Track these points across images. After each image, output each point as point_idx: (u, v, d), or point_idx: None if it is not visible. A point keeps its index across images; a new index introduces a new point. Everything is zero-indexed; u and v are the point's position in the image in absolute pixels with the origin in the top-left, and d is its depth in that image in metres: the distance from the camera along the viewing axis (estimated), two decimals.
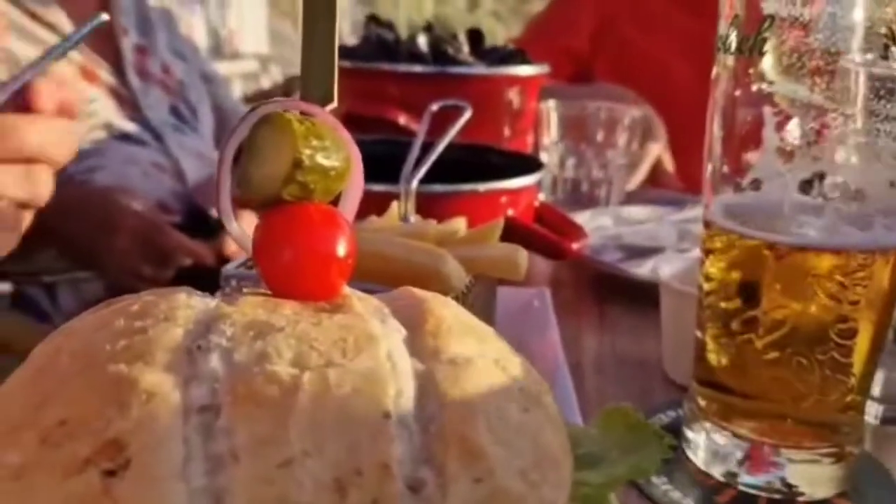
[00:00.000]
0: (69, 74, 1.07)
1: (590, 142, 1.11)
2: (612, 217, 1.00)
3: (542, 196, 1.08)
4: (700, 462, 0.46)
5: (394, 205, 0.55)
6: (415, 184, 0.57)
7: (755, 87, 0.42)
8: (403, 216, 0.56)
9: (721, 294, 0.44)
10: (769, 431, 0.44)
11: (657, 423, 0.52)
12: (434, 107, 0.67)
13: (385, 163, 0.60)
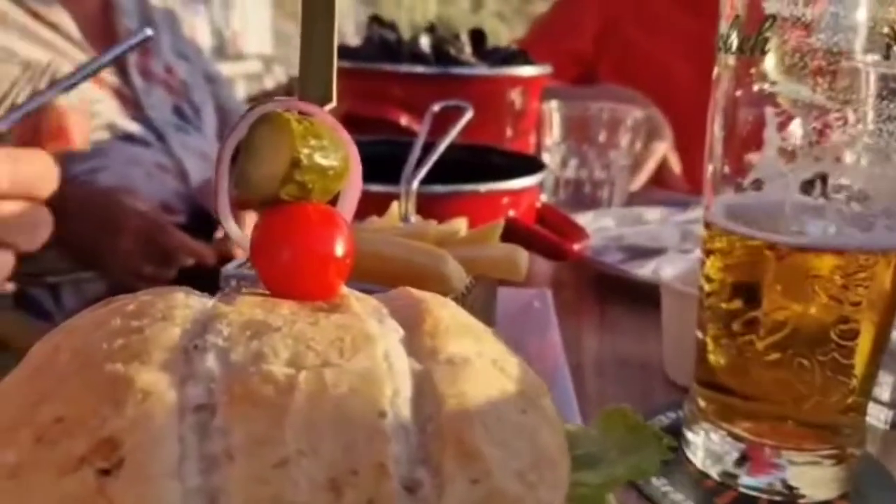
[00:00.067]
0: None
1: (592, 142, 1.11)
2: (615, 218, 0.99)
3: (545, 197, 1.08)
4: (700, 463, 0.46)
5: (394, 205, 0.55)
6: (416, 184, 0.57)
7: (756, 88, 0.42)
8: (404, 216, 0.56)
9: (722, 295, 0.44)
10: (770, 433, 0.43)
11: (658, 425, 0.52)
12: (435, 107, 0.67)
13: (386, 163, 0.60)
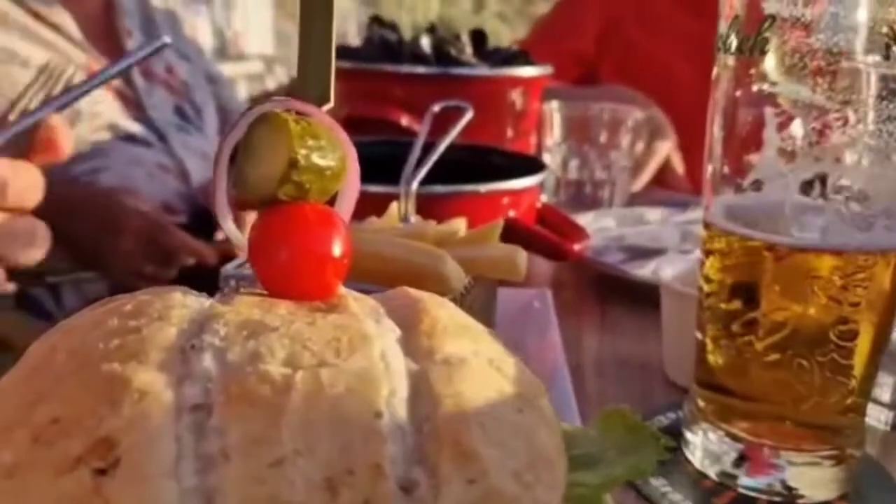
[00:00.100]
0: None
1: (593, 143, 1.10)
2: (615, 218, 0.99)
3: (546, 197, 1.08)
4: (699, 463, 0.46)
5: (393, 205, 0.55)
6: (415, 185, 0.57)
7: (756, 88, 0.42)
8: (404, 217, 0.56)
9: (721, 295, 0.44)
10: (769, 433, 0.43)
11: (657, 425, 0.52)
12: (436, 108, 0.67)
13: (386, 164, 0.60)
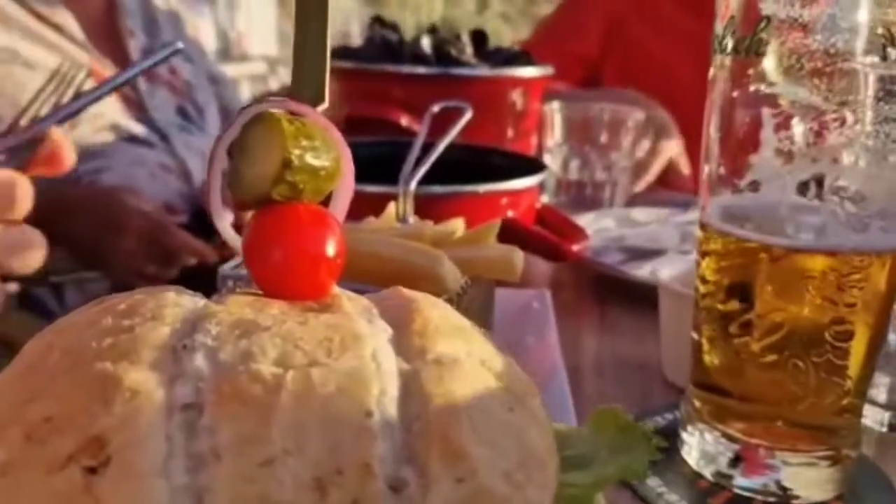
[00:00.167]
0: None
1: (594, 144, 1.11)
2: (616, 219, 0.99)
3: (546, 198, 1.08)
4: (695, 464, 0.46)
5: (391, 205, 0.55)
6: (413, 185, 0.57)
7: (753, 88, 0.42)
8: (402, 217, 0.56)
9: (717, 296, 0.44)
10: (765, 434, 0.43)
11: (654, 426, 0.52)
12: (435, 108, 0.67)
13: (386, 164, 0.60)
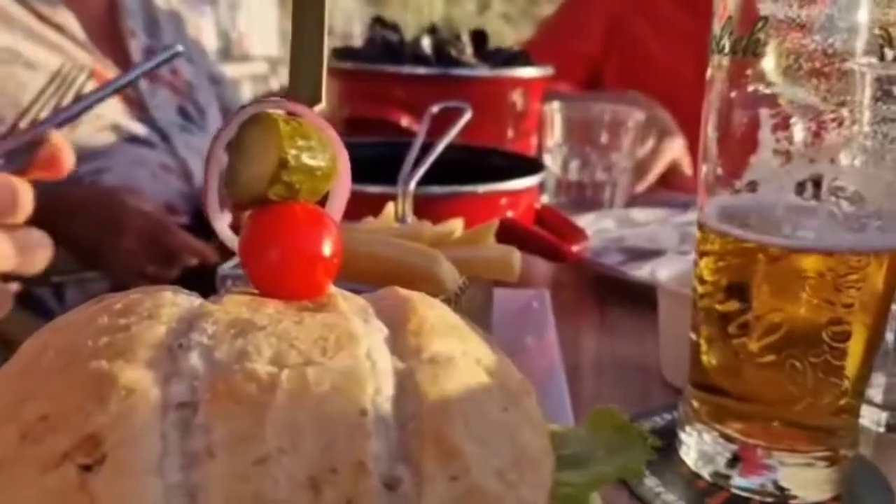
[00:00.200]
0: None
1: (594, 144, 1.11)
2: (616, 219, 0.99)
3: (546, 198, 1.08)
4: (693, 464, 0.46)
5: (389, 205, 0.55)
6: (412, 185, 0.57)
7: (751, 88, 0.42)
8: (400, 217, 0.56)
9: (715, 297, 0.44)
10: (762, 434, 0.43)
11: (653, 426, 0.52)
12: (434, 108, 0.68)
13: (386, 164, 0.60)
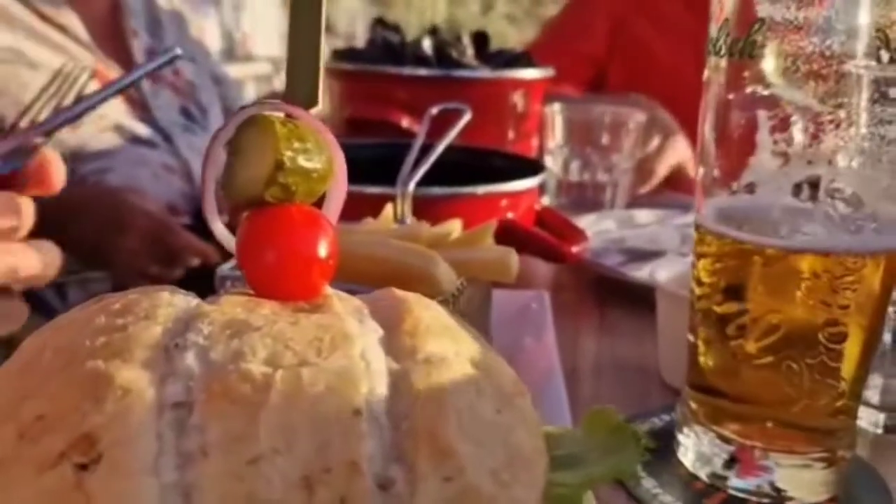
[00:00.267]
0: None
1: (595, 145, 1.11)
2: (617, 221, 0.99)
3: (547, 199, 1.08)
4: (690, 465, 0.46)
5: (388, 207, 0.55)
6: (412, 186, 0.57)
7: (749, 90, 0.42)
8: (399, 218, 0.56)
9: (712, 298, 0.44)
10: (759, 435, 0.43)
11: (651, 427, 0.52)
12: (434, 110, 0.68)
13: (387, 165, 0.61)
